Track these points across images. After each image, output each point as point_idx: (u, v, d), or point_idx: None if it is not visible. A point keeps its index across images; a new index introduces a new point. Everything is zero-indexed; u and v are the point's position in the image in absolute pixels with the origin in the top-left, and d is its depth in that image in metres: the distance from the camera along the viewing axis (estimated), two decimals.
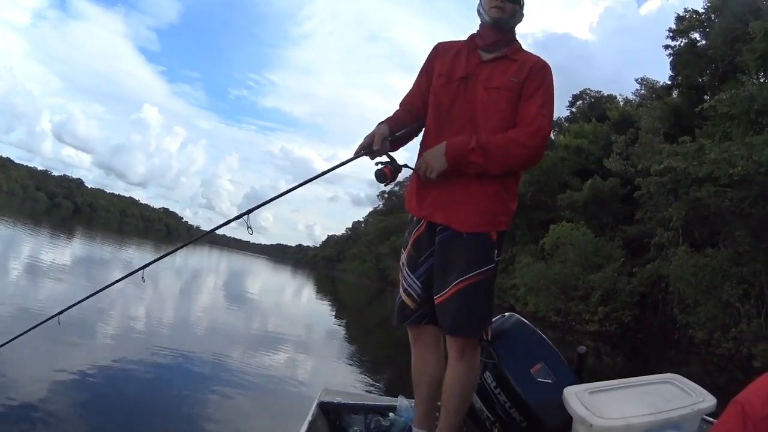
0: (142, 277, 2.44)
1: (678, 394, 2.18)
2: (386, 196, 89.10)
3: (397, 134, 2.44)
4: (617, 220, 28.39)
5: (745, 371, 14.93)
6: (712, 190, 17.18)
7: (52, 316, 2.43)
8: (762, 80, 19.01)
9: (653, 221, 22.40)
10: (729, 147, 16.13)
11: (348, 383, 7.25)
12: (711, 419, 2.19)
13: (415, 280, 2.40)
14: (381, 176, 2.35)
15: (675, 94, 31.06)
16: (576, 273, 25.33)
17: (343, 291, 39.22)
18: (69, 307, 2.46)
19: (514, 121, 2.28)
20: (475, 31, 2.49)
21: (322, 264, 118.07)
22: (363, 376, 8.08)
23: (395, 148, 2.45)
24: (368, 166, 2.35)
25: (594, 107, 43.03)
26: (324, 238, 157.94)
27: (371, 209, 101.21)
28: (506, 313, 2.82)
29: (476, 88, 2.34)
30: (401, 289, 2.45)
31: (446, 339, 2.35)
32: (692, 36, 30.77)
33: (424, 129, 2.48)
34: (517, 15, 2.40)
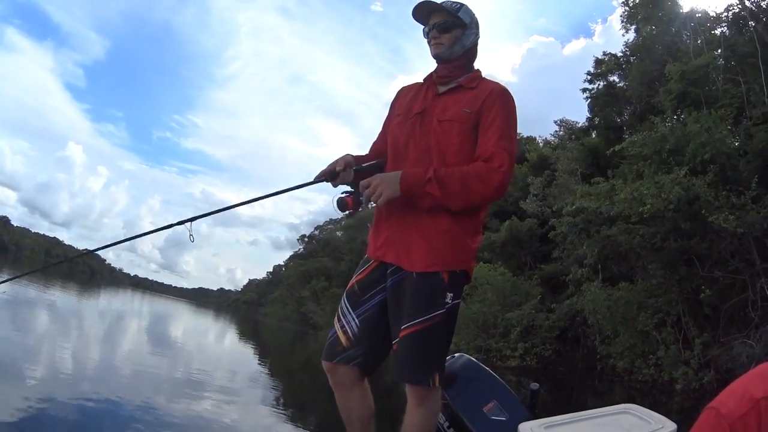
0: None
1: (637, 423, 2.17)
2: (306, 240, 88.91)
3: (362, 165, 2.39)
4: (536, 259, 28.97)
5: (668, 394, 15.48)
6: (623, 227, 17.80)
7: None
8: (681, 116, 19.91)
9: (570, 259, 22.98)
10: (639, 187, 16.82)
11: (275, 426, 7.09)
12: None
13: (354, 318, 2.30)
14: (342, 204, 2.27)
15: (594, 134, 31.57)
16: (494, 311, 25.62)
17: (266, 334, 38.40)
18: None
19: (470, 153, 2.21)
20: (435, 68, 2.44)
21: (244, 308, 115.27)
22: (292, 420, 7.91)
23: (358, 182, 2.33)
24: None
25: None
26: (245, 282, 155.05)
27: (291, 253, 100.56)
28: (456, 354, 2.82)
29: (431, 122, 2.28)
30: (338, 324, 2.34)
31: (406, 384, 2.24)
32: (610, 78, 31.60)
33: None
34: (461, 41, 2.34)
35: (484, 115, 2.22)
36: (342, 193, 2.30)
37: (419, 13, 2.37)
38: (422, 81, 2.47)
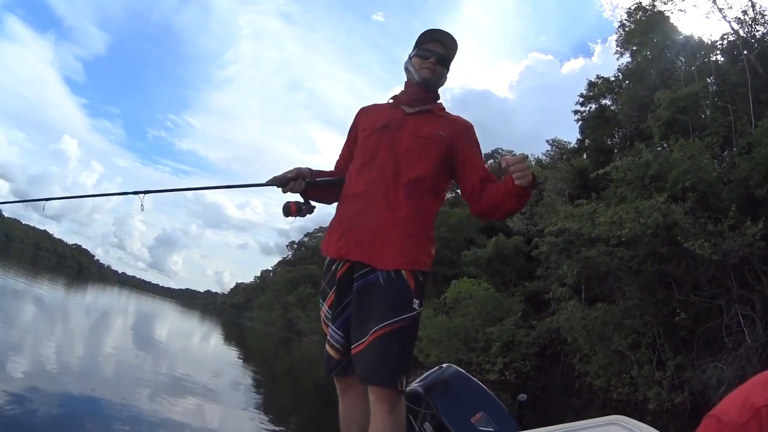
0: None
1: None
2: (295, 246, 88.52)
3: (316, 180, 2.60)
4: (520, 276, 28.98)
5: (641, 413, 15.70)
6: (602, 249, 18.04)
7: None
8: (665, 145, 19.95)
9: (552, 278, 23.10)
10: (619, 211, 17.03)
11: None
12: None
13: (337, 330, 2.38)
14: (285, 209, 2.51)
15: (585, 156, 31.45)
16: (476, 326, 25.77)
17: (251, 339, 38.31)
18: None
19: (438, 171, 2.42)
20: (400, 91, 2.64)
21: (231, 311, 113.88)
22: (274, 424, 8.07)
23: (311, 194, 2.59)
24: (279, 214, 2.48)
25: None
26: (233, 285, 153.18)
27: (280, 259, 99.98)
28: (444, 364, 2.91)
29: (402, 135, 2.44)
30: (326, 341, 2.44)
31: (370, 390, 2.26)
32: (602, 101, 31.63)
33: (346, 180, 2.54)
34: (443, 78, 2.60)
35: (462, 146, 2.47)
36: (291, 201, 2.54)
37: (439, 38, 2.57)
38: (389, 100, 2.67)
